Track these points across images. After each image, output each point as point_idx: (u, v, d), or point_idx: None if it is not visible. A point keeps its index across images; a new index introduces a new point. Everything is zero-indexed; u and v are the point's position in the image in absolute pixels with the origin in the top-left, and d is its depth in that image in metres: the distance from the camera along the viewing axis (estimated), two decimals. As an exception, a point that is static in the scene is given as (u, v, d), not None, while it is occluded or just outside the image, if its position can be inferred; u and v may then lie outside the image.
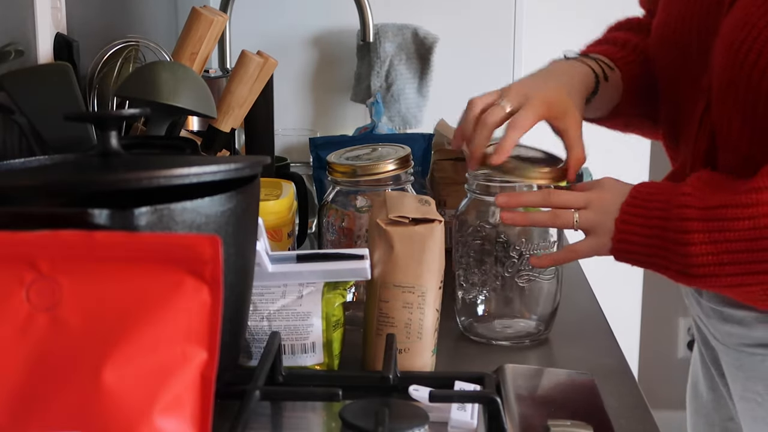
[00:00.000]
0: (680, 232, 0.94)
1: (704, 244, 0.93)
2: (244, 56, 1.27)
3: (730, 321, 1.07)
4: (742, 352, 1.07)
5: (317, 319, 0.93)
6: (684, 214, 0.94)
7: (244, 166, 0.76)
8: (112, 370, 0.59)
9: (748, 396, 1.07)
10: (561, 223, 1.02)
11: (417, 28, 2.07)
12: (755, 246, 0.91)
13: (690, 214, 0.94)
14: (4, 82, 1.01)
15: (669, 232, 0.95)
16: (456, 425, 0.82)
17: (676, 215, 0.94)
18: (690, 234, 0.93)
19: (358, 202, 1.15)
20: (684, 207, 0.94)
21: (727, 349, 1.10)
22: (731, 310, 1.06)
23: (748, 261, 0.92)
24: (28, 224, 0.62)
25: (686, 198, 0.95)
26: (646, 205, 0.97)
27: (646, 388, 1.14)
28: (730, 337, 1.08)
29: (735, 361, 1.09)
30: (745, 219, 0.91)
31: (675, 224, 0.94)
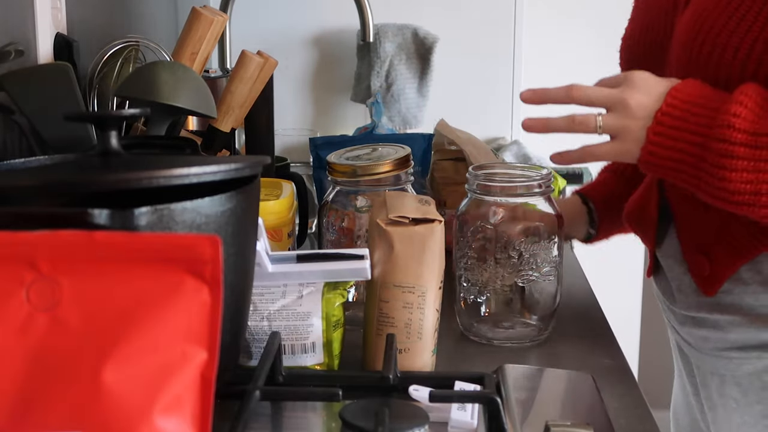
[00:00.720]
0: (722, 155, 0.89)
1: (746, 172, 0.89)
2: (244, 56, 1.27)
3: (705, 326, 1.07)
4: (718, 356, 1.06)
5: (317, 319, 0.93)
6: (730, 137, 0.89)
7: (244, 166, 0.76)
8: (112, 370, 0.59)
9: (723, 402, 1.07)
10: (581, 127, 0.96)
11: (417, 28, 2.08)
12: None
13: (736, 137, 0.88)
14: (4, 82, 1.01)
15: (708, 152, 0.90)
16: (456, 425, 0.82)
17: (720, 136, 0.89)
18: (733, 159, 0.89)
19: (358, 202, 1.15)
20: (731, 128, 0.89)
21: (701, 355, 1.09)
22: (705, 314, 1.06)
23: None
24: (28, 224, 0.62)
25: (735, 120, 0.89)
26: (686, 117, 0.91)
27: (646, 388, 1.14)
28: (706, 342, 1.08)
29: (710, 367, 1.08)
30: None
31: (717, 145, 0.89)
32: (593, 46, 2.21)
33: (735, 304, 1.04)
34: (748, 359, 1.04)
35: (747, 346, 1.04)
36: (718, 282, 1.04)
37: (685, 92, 0.93)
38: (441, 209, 1.37)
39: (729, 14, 0.95)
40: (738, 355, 1.04)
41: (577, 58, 2.26)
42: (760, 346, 1.03)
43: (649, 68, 1.02)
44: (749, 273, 1.02)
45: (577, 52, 2.28)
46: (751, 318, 1.03)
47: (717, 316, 1.05)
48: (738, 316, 1.03)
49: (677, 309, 1.11)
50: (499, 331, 1.09)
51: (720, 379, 1.07)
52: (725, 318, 1.04)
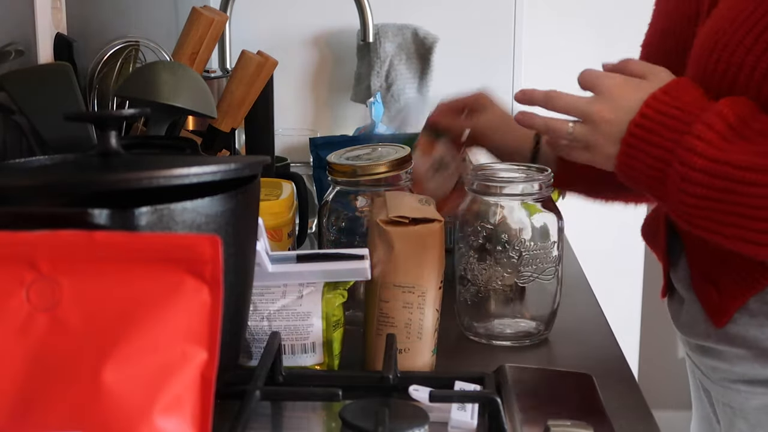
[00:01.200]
0: (682, 179, 0.87)
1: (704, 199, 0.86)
2: (244, 56, 1.27)
3: (713, 356, 1.05)
4: (727, 388, 1.05)
5: (317, 319, 0.93)
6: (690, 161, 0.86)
7: (244, 166, 0.76)
8: (112, 370, 0.59)
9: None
10: (553, 133, 0.94)
11: (417, 28, 2.08)
12: (761, 215, 0.85)
13: (696, 163, 0.86)
14: (4, 82, 1.01)
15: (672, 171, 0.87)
16: (456, 425, 0.82)
17: (681, 158, 0.86)
18: (691, 185, 0.86)
19: (358, 202, 1.15)
20: (692, 152, 0.86)
21: (713, 384, 1.08)
22: (713, 344, 1.04)
23: (747, 228, 0.85)
24: (28, 224, 0.62)
25: (698, 143, 0.86)
26: (658, 130, 0.88)
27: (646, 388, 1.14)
28: (715, 372, 1.06)
29: (722, 397, 1.07)
30: (760, 186, 0.84)
31: (679, 168, 0.87)
32: (593, 46, 2.21)
33: (740, 336, 1.01)
34: (754, 394, 1.02)
35: (754, 381, 1.02)
36: (727, 313, 1.01)
37: (662, 101, 0.90)
38: (441, 209, 1.37)
39: (746, 30, 0.90)
40: (745, 388, 1.02)
41: (577, 58, 2.25)
42: (766, 381, 1.01)
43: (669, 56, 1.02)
44: (757, 304, 0.99)
45: (577, 52, 2.28)
46: (756, 352, 1.00)
47: (723, 347, 1.03)
48: (743, 349, 1.01)
49: (685, 336, 1.10)
50: (498, 331, 1.09)
51: (731, 411, 1.05)
52: (731, 350, 1.02)
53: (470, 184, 1.10)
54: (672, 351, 2.84)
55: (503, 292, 1.08)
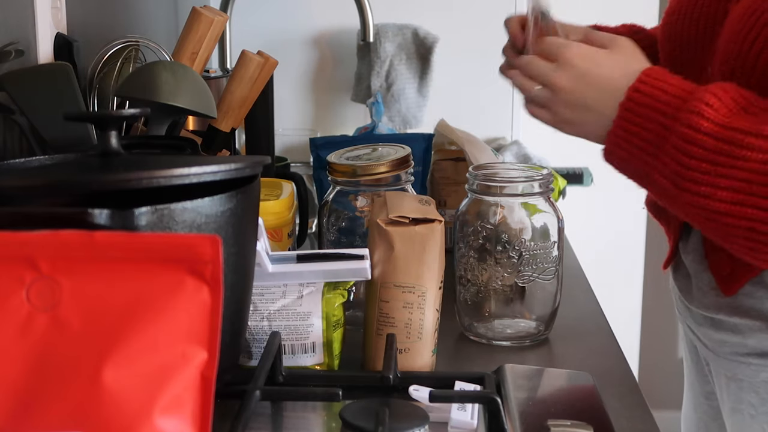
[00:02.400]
0: (686, 140, 0.87)
1: (706, 162, 0.87)
2: (244, 56, 1.27)
3: (724, 329, 1.04)
4: (736, 361, 1.04)
5: (317, 319, 0.93)
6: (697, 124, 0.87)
7: (244, 166, 0.76)
8: (112, 370, 0.59)
9: (740, 408, 1.04)
10: (522, 90, 1.00)
11: (417, 28, 2.08)
12: (759, 179, 0.85)
13: (703, 126, 0.87)
14: (4, 82, 1.01)
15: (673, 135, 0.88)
16: (456, 425, 0.82)
17: (687, 121, 0.87)
18: (695, 147, 0.87)
19: (358, 202, 1.15)
20: (700, 116, 0.87)
21: (718, 358, 1.07)
22: (724, 316, 1.03)
23: (745, 191, 0.86)
24: (28, 224, 0.62)
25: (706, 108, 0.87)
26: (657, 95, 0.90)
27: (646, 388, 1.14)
28: (723, 346, 1.05)
29: (728, 372, 1.06)
30: (760, 151, 0.85)
31: (683, 130, 0.87)
32: (593, 46, 2.21)
33: (755, 308, 1.00)
34: (765, 366, 1.01)
35: (766, 353, 1.01)
36: (738, 281, 1.01)
37: (659, 73, 0.93)
38: (441, 209, 1.38)
39: None
40: (756, 361, 1.02)
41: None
42: None
43: (690, 48, 1.01)
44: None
45: (577, 52, 2.27)
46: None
47: (736, 319, 1.02)
48: (759, 322, 1.00)
49: (695, 308, 1.09)
50: (498, 331, 1.09)
51: (737, 385, 1.04)
52: (744, 322, 1.01)
53: (470, 184, 1.10)
54: (672, 351, 2.84)
55: (503, 292, 1.08)
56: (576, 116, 0.96)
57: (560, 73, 0.96)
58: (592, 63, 0.95)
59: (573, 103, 0.96)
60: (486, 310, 1.09)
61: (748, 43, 0.91)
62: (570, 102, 0.96)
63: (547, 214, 1.09)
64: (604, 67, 0.95)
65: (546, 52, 0.99)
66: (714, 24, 1.01)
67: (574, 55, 0.96)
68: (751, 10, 0.93)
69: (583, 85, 0.95)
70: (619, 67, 0.95)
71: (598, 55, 0.96)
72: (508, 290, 1.08)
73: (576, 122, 0.97)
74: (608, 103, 0.93)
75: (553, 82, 0.96)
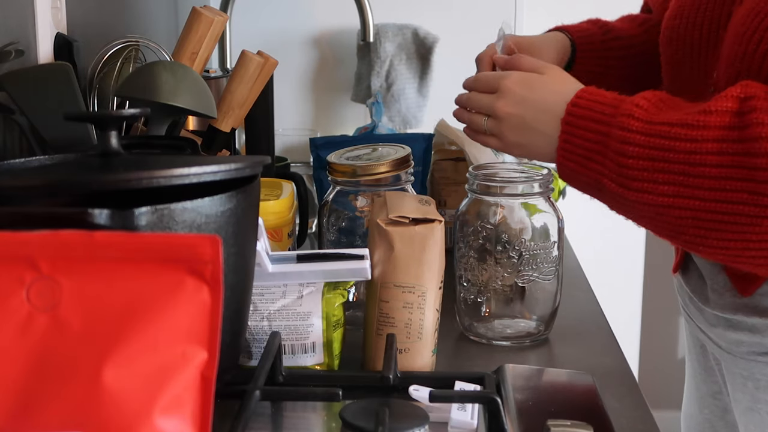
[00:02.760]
0: (621, 142, 0.91)
1: (641, 159, 0.89)
2: (245, 56, 1.27)
3: (740, 328, 1.04)
4: (753, 361, 1.04)
5: (317, 319, 0.93)
6: (629, 125, 0.91)
7: (244, 166, 0.76)
8: (112, 370, 0.59)
9: (758, 407, 1.04)
10: (472, 125, 1.05)
11: (417, 28, 2.08)
12: (693, 171, 0.87)
13: (634, 125, 0.90)
14: (4, 82, 1.01)
15: (610, 140, 0.92)
16: (456, 425, 0.82)
17: (620, 124, 0.91)
18: (630, 146, 0.90)
19: (358, 202, 1.15)
20: (630, 117, 0.91)
21: (734, 358, 1.07)
22: (742, 317, 1.03)
23: (683, 184, 0.88)
24: (28, 224, 0.62)
25: (635, 109, 0.91)
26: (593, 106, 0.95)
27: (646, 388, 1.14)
28: (740, 346, 1.05)
29: (743, 371, 1.06)
30: (688, 141, 0.87)
31: (618, 133, 0.91)
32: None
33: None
34: None
35: None
36: (755, 282, 1.01)
37: (592, 89, 0.98)
38: (441, 209, 1.38)
39: None
40: None
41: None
42: None
43: (693, 53, 1.03)
44: None
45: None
46: None
47: (755, 319, 1.02)
48: None
49: (709, 309, 1.09)
50: (498, 331, 1.09)
51: (754, 384, 1.05)
52: (764, 322, 1.01)
53: (470, 184, 1.10)
54: (672, 351, 2.84)
55: (503, 292, 1.08)
56: (522, 139, 1.01)
57: (502, 101, 1.01)
58: (528, 87, 1.01)
59: (518, 127, 1.00)
60: (486, 310, 1.09)
61: (753, 44, 0.92)
62: (515, 126, 1.01)
63: (547, 214, 1.09)
64: (540, 90, 1.00)
65: (484, 84, 1.05)
66: (717, 28, 1.01)
67: (512, 82, 1.02)
68: (755, 12, 0.93)
69: (523, 108, 1.00)
70: (554, 89, 1.00)
71: (532, 79, 1.02)
72: (508, 290, 1.08)
73: (523, 144, 1.01)
74: (549, 122, 0.98)
75: (497, 110, 1.02)
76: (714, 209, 0.87)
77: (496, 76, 1.04)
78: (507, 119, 1.01)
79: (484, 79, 1.06)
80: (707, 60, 1.02)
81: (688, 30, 1.05)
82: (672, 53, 1.09)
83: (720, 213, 0.86)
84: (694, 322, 1.15)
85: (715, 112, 0.86)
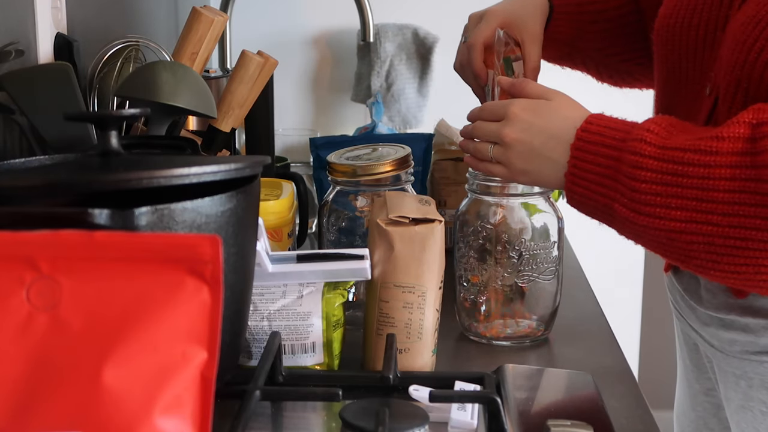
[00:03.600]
0: (633, 167, 0.91)
1: (654, 184, 0.89)
2: (245, 56, 1.27)
3: (734, 328, 1.04)
4: (747, 360, 1.04)
5: (317, 319, 0.93)
6: (641, 149, 0.90)
7: (244, 166, 0.76)
8: (112, 370, 0.59)
9: (750, 405, 1.04)
10: (477, 153, 1.03)
11: (417, 28, 2.08)
12: (706, 196, 0.87)
13: (646, 150, 0.90)
14: (4, 82, 1.01)
15: (622, 164, 0.91)
16: (456, 425, 0.82)
17: (632, 149, 0.91)
18: (643, 171, 0.90)
19: (358, 202, 1.15)
20: (642, 142, 0.91)
21: (727, 357, 1.07)
22: (736, 317, 1.03)
23: (695, 209, 0.88)
24: (28, 224, 0.62)
25: (647, 134, 0.91)
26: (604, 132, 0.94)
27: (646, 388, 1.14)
28: (733, 345, 1.05)
29: (736, 370, 1.06)
30: (701, 166, 0.87)
31: (630, 158, 0.91)
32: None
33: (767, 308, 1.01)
34: None
35: None
36: None
37: (601, 115, 0.97)
38: (441, 209, 1.38)
39: None
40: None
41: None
42: None
43: (689, 54, 1.03)
44: None
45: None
46: None
47: (749, 319, 1.02)
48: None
49: (702, 309, 1.09)
50: (498, 331, 1.09)
51: (747, 383, 1.05)
52: (758, 322, 1.01)
53: (470, 184, 1.10)
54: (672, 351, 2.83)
55: (503, 292, 1.08)
56: (529, 166, 0.99)
57: (509, 128, 0.99)
58: (535, 114, 0.99)
59: (525, 154, 0.99)
60: (486, 310, 1.09)
61: (755, 53, 0.92)
62: (522, 153, 0.99)
63: (547, 214, 1.09)
64: (548, 116, 0.99)
65: (490, 113, 1.03)
66: (715, 30, 1.01)
67: (520, 109, 1.00)
68: (756, 20, 0.93)
69: (530, 134, 0.98)
70: (562, 114, 0.98)
71: (539, 105, 1.00)
72: (508, 290, 1.08)
73: (530, 171, 0.99)
74: (557, 148, 0.97)
75: (504, 137, 0.99)
76: (727, 234, 0.87)
77: (503, 104, 1.02)
78: (514, 146, 0.99)
79: (489, 108, 1.04)
80: (703, 61, 1.02)
81: (684, 30, 1.05)
82: (666, 53, 1.08)
83: (733, 238, 0.87)
84: (686, 320, 1.16)
85: (728, 138, 0.86)
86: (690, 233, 0.89)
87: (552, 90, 1.02)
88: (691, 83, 1.05)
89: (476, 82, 1.21)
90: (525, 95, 1.02)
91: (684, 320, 1.17)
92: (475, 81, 1.21)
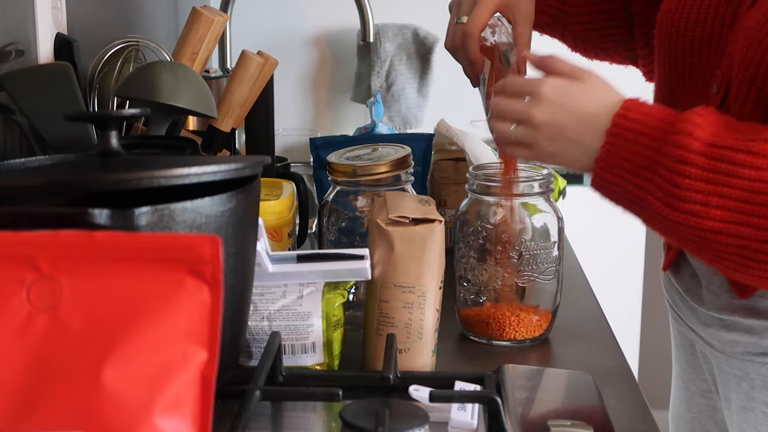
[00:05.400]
0: (677, 161, 0.88)
1: (699, 181, 0.87)
2: (245, 56, 1.27)
3: (736, 329, 1.04)
4: (749, 361, 1.04)
5: (317, 319, 0.93)
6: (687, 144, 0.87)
7: (244, 166, 0.76)
8: (112, 370, 0.59)
9: (752, 406, 1.04)
10: (498, 134, 0.98)
11: (417, 28, 2.08)
12: (753, 198, 0.85)
13: (693, 146, 0.87)
14: (4, 82, 1.01)
15: (664, 157, 0.88)
16: (456, 425, 0.82)
17: (677, 142, 0.88)
18: (687, 166, 0.87)
19: (358, 202, 1.15)
20: (689, 136, 0.87)
21: (728, 358, 1.06)
22: (739, 318, 1.03)
23: (738, 210, 0.86)
24: (28, 224, 0.62)
25: (694, 128, 0.88)
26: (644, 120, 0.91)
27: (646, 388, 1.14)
28: (735, 346, 1.05)
29: (738, 371, 1.05)
30: (752, 168, 0.85)
31: (674, 151, 0.88)
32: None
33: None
34: None
35: None
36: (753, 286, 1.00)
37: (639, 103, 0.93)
38: (441, 209, 1.38)
39: None
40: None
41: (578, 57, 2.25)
42: None
43: (694, 49, 1.02)
44: None
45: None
46: None
47: (752, 320, 1.02)
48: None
49: (704, 309, 1.08)
50: (499, 331, 1.09)
51: (749, 384, 1.04)
52: (761, 323, 1.01)
53: (470, 184, 1.10)
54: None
55: (503, 292, 1.08)
56: (559, 149, 0.95)
57: (537, 108, 0.94)
58: (567, 95, 0.94)
59: (555, 137, 0.94)
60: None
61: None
62: (552, 135, 0.94)
63: (547, 214, 1.09)
64: (580, 99, 0.94)
65: (514, 90, 0.98)
66: (722, 27, 1.00)
67: (550, 89, 0.95)
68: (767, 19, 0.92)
69: (561, 116, 0.94)
70: (594, 98, 0.94)
71: (572, 87, 0.95)
72: (508, 290, 1.08)
73: (559, 154, 0.96)
74: (588, 132, 0.93)
75: (531, 118, 0.95)
76: (764, 239, 0.86)
77: (530, 82, 0.97)
78: (543, 128, 0.94)
79: (514, 84, 0.99)
80: (708, 58, 1.01)
81: (689, 26, 1.04)
82: (669, 48, 1.07)
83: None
84: (684, 321, 1.15)
85: None
86: (727, 234, 0.87)
87: (585, 70, 0.97)
88: (695, 79, 1.04)
89: (470, 67, 1.17)
90: (555, 72, 0.97)
91: (682, 321, 1.16)
92: (469, 65, 1.17)
